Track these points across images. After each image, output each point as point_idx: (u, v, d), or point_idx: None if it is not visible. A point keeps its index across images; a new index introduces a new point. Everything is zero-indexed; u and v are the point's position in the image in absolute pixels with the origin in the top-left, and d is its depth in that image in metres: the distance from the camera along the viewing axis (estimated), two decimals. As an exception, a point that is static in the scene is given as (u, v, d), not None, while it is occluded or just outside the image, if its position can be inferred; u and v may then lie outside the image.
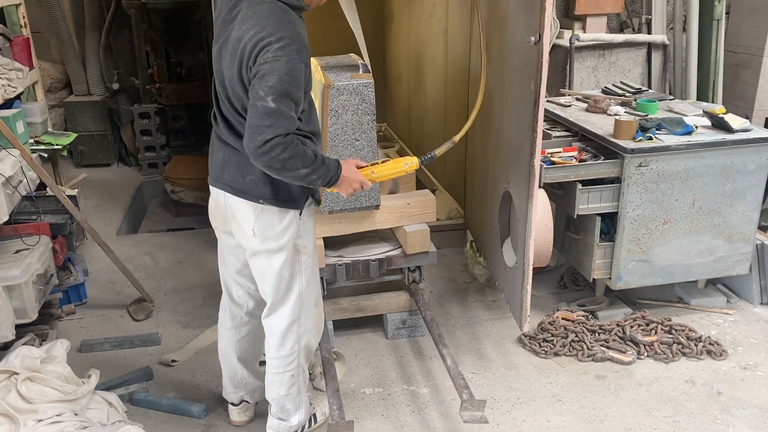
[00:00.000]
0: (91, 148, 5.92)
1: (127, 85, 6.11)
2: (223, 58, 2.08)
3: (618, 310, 3.36)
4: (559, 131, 3.48)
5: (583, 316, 3.26)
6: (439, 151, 2.70)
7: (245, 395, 2.65)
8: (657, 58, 4.22)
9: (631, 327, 3.16)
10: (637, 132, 3.09)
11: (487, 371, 2.98)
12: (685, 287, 3.51)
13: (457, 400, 2.64)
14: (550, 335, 3.15)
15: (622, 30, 4.32)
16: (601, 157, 3.13)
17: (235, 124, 2.13)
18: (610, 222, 3.19)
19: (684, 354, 3.05)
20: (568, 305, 3.44)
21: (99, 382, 2.61)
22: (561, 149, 3.21)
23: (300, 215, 2.23)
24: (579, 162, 3.09)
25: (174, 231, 4.80)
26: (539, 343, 3.12)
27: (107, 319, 3.48)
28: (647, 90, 3.90)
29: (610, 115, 3.43)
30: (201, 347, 3.20)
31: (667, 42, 4.17)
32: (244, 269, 2.41)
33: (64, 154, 4.10)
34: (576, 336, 3.13)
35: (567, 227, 3.42)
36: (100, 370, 2.79)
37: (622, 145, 3.03)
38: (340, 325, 3.24)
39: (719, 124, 3.19)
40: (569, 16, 4.14)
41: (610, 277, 3.25)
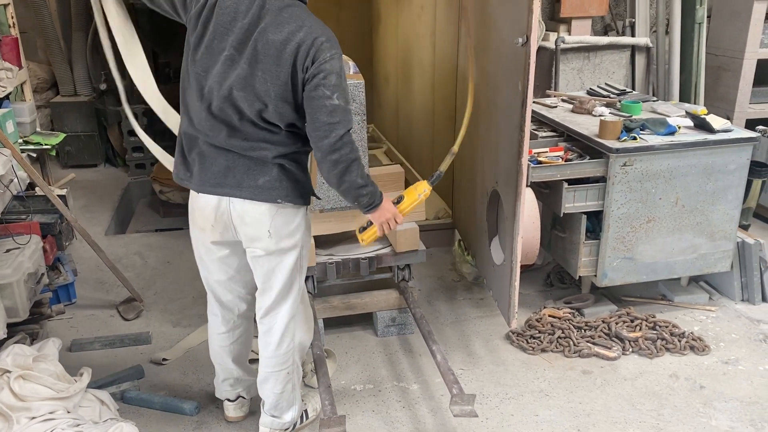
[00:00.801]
0: (78, 149, 5.90)
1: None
2: (252, 63, 2.03)
3: (603, 307, 3.42)
4: (545, 131, 3.54)
5: (569, 313, 3.32)
6: (443, 166, 2.76)
7: (242, 391, 2.67)
8: (640, 61, 4.29)
9: (617, 323, 3.22)
10: (621, 132, 3.16)
11: (475, 367, 3.03)
12: (669, 285, 3.58)
13: (447, 396, 2.69)
14: (538, 332, 3.20)
15: (606, 33, 4.40)
16: (587, 157, 3.19)
17: (245, 128, 2.10)
18: (595, 220, 3.25)
19: (668, 349, 3.12)
20: (555, 302, 3.50)
21: (90, 381, 2.62)
22: (547, 149, 3.26)
23: (306, 211, 2.28)
24: (565, 161, 3.15)
25: (162, 231, 4.80)
26: (527, 340, 3.17)
27: (97, 318, 3.49)
28: (631, 91, 3.97)
29: (596, 115, 3.49)
30: (192, 346, 3.22)
31: (651, 45, 4.25)
32: (236, 275, 2.41)
33: (53, 154, 4.10)
34: (563, 333, 3.18)
35: (553, 226, 3.47)
36: (90, 368, 2.81)
37: (607, 145, 3.09)
38: (330, 323, 3.27)
39: (701, 125, 3.27)
40: (555, 18, 4.20)
41: (595, 275, 3.31)
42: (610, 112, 3.52)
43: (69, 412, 2.49)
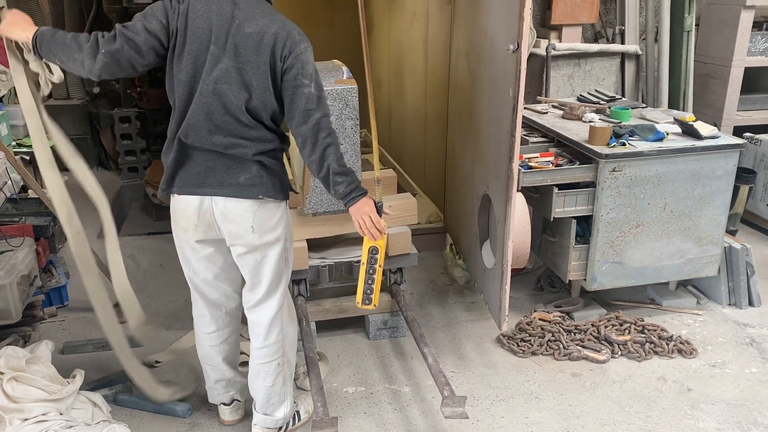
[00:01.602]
0: (70, 152, 5.89)
1: (107, 89, 6.10)
2: (234, 56, 2.12)
3: (593, 310, 3.46)
4: (536, 137, 3.58)
5: (559, 317, 3.36)
6: (378, 196, 2.68)
7: (235, 393, 2.69)
8: (630, 68, 4.35)
9: (606, 327, 3.26)
10: (611, 138, 3.20)
11: (466, 370, 3.06)
12: (657, 289, 3.63)
13: (438, 398, 2.71)
14: (528, 335, 3.23)
15: (596, 40, 4.46)
16: (577, 162, 3.23)
17: (227, 125, 2.17)
18: (585, 225, 3.29)
19: (656, 353, 3.15)
20: (545, 306, 3.54)
21: (83, 383, 2.63)
22: (538, 154, 3.31)
23: (286, 205, 2.36)
24: (555, 167, 3.19)
25: (155, 234, 4.80)
26: (517, 343, 3.20)
27: (89, 321, 3.49)
28: (621, 98, 4.03)
29: (585, 121, 3.54)
30: (184, 348, 3.23)
31: (640, 52, 4.31)
32: (222, 273, 2.45)
33: (46, 156, 4.08)
34: (552, 336, 3.21)
35: (543, 230, 3.51)
36: (83, 371, 2.81)
37: (596, 150, 3.14)
38: (322, 326, 3.29)
39: (689, 131, 3.32)
40: (545, 25, 4.25)
41: (585, 279, 3.35)
42: (599, 119, 3.56)
43: (61, 414, 2.49)
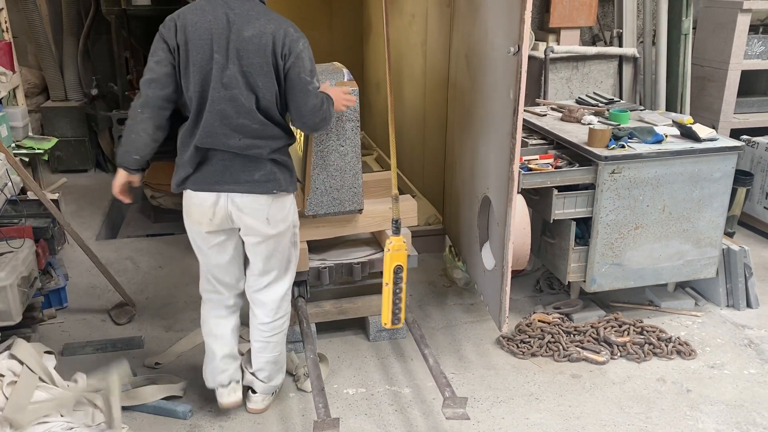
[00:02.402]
0: (68, 154, 5.89)
1: (105, 91, 6.10)
2: (238, 61, 2.27)
3: (592, 312, 3.47)
4: (535, 139, 3.59)
5: (558, 318, 3.37)
6: (395, 214, 2.74)
7: (233, 374, 2.75)
8: (628, 70, 4.37)
9: (605, 328, 3.27)
10: (610, 140, 3.22)
11: (467, 371, 3.07)
12: (656, 290, 3.64)
13: (438, 399, 2.72)
14: (527, 336, 3.24)
15: (594, 43, 4.47)
16: (576, 165, 3.24)
17: (242, 128, 2.32)
18: (584, 227, 3.30)
19: (655, 354, 3.17)
20: (544, 308, 3.55)
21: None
22: (538, 156, 3.32)
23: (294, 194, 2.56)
24: (555, 169, 3.20)
25: (154, 236, 4.80)
26: (517, 345, 3.21)
27: (89, 323, 3.49)
28: (619, 100, 4.05)
29: (584, 124, 3.55)
30: (184, 350, 3.23)
31: (638, 55, 4.33)
32: (233, 259, 2.61)
33: (46, 158, 4.09)
34: (552, 337, 3.22)
35: (543, 232, 3.53)
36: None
37: (596, 152, 3.15)
38: (322, 328, 3.29)
39: (687, 134, 3.34)
40: (544, 28, 4.27)
41: (584, 280, 3.36)
42: (598, 121, 3.58)
43: (62, 416, 2.49)
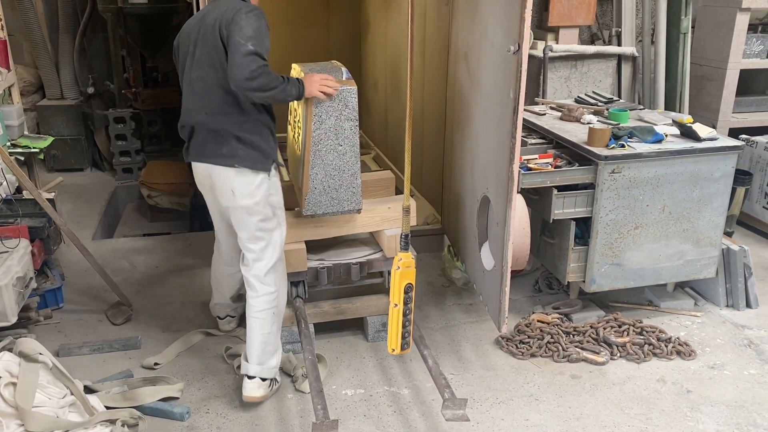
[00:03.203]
0: (65, 153, 5.86)
1: (101, 90, 6.06)
2: (201, 44, 2.59)
3: (591, 312, 3.46)
4: (534, 139, 3.57)
5: (558, 319, 3.35)
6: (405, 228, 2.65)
7: (230, 311, 3.33)
8: (627, 69, 4.36)
9: (605, 329, 3.26)
10: (610, 140, 3.20)
11: (466, 372, 3.05)
12: (655, 290, 3.63)
13: (438, 400, 2.70)
14: (527, 337, 3.23)
15: (593, 42, 4.46)
16: (576, 164, 3.23)
17: (211, 105, 2.61)
18: (584, 227, 3.29)
19: (655, 354, 3.16)
20: (544, 308, 3.53)
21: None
22: (537, 156, 3.30)
23: (269, 176, 2.70)
24: (554, 168, 3.19)
25: (150, 236, 4.78)
26: (516, 345, 3.19)
27: (85, 323, 3.46)
28: (618, 100, 4.03)
29: (584, 123, 3.54)
30: (182, 350, 3.20)
31: (637, 54, 4.32)
32: (230, 226, 2.92)
33: (41, 157, 4.06)
34: (551, 338, 3.21)
35: (542, 232, 3.51)
36: (79, 374, 2.79)
37: (595, 152, 3.14)
38: (321, 328, 3.27)
39: (687, 133, 3.32)
40: (542, 27, 4.26)
41: (584, 281, 3.34)
42: (598, 120, 3.57)
43: (58, 418, 2.47)
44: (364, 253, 3.21)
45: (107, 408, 2.66)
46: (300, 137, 2.96)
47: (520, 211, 3.01)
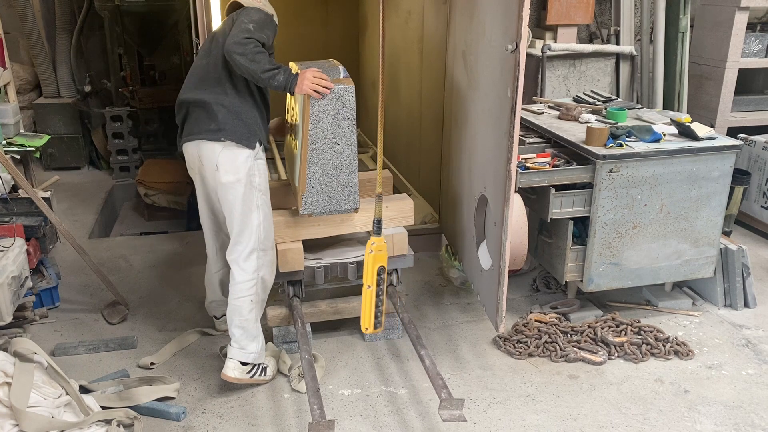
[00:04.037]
0: (61, 151, 5.84)
1: (98, 88, 6.05)
2: (214, 38, 2.80)
3: (589, 312, 3.45)
4: (532, 138, 3.56)
5: (555, 318, 3.34)
6: (377, 213, 2.74)
7: (225, 311, 3.12)
8: (625, 68, 4.35)
9: (602, 328, 3.25)
10: (608, 139, 3.19)
11: (463, 372, 3.04)
12: (653, 290, 3.63)
13: (435, 400, 2.69)
14: (524, 337, 3.22)
15: (591, 40, 4.45)
16: (574, 163, 3.22)
17: (208, 74, 2.75)
18: (582, 226, 3.28)
19: (653, 354, 3.15)
20: (541, 307, 3.53)
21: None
22: (535, 155, 3.29)
23: (254, 156, 2.76)
24: (552, 167, 3.18)
25: (147, 234, 4.76)
26: (513, 345, 3.18)
27: (81, 322, 3.45)
28: (616, 99, 4.02)
29: (582, 122, 3.53)
30: (178, 350, 3.19)
31: (635, 53, 4.31)
32: (213, 214, 3.02)
33: (37, 156, 4.04)
34: (549, 337, 3.20)
35: (540, 231, 3.50)
36: (75, 373, 2.78)
37: (593, 151, 3.13)
38: (317, 328, 3.26)
39: (686, 133, 3.31)
40: (541, 26, 4.24)
41: (581, 280, 3.34)
42: (596, 119, 3.56)
43: (54, 418, 2.46)
44: (361, 252, 3.19)
45: (103, 408, 2.65)
46: (297, 136, 2.94)
47: (517, 211, 3.00)
